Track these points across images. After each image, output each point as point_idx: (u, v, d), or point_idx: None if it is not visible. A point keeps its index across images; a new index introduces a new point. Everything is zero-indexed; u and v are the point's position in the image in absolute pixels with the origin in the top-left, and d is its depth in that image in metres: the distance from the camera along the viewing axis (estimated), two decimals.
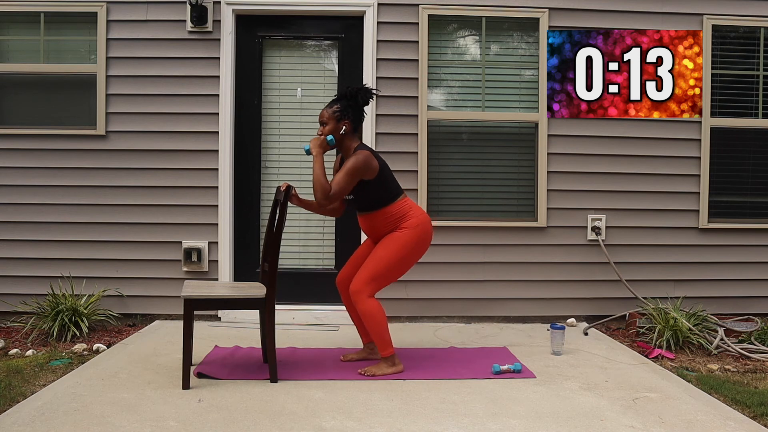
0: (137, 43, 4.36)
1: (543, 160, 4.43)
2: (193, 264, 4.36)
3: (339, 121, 3.16)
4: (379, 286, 3.17)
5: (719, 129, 4.50)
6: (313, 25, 4.52)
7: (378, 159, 3.16)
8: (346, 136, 3.18)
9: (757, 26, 4.51)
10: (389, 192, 3.18)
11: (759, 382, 3.26)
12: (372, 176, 3.12)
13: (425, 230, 3.20)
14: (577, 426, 2.52)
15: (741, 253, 4.53)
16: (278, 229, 3.08)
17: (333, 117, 3.16)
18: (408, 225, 3.17)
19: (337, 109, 3.17)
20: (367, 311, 3.10)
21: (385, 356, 3.17)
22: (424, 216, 3.23)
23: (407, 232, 3.16)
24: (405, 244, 3.15)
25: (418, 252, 3.22)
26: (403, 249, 3.15)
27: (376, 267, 3.13)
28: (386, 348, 3.16)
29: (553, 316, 4.47)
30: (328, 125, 3.17)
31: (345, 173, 3.06)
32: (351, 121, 3.18)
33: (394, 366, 3.18)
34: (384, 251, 3.15)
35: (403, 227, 3.17)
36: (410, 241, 3.16)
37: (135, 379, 3.06)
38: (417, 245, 3.19)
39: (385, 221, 3.19)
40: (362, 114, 3.24)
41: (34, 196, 4.36)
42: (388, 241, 3.17)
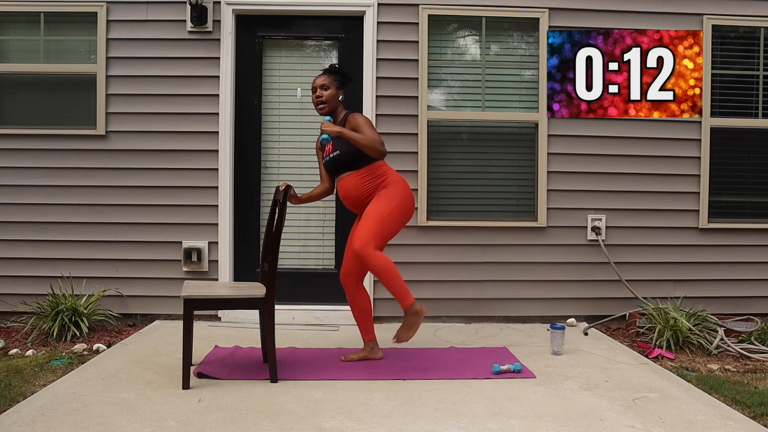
0: (137, 43, 4.36)
1: (543, 160, 4.43)
2: (193, 264, 4.36)
3: (338, 88, 3.41)
4: (380, 240, 3.19)
5: (719, 129, 4.51)
6: (313, 25, 4.52)
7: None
8: (341, 102, 3.43)
9: (757, 26, 4.51)
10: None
11: (759, 382, 3.26)
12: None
13: (406, 186, 3.34)
14: (577, 426, 2.52)
15: (741, 253, 4.53)
16: (278, 229, 3.08)
17: (334, 83, 3.40)
18: (390, 181, 3.30)
19: (336, 77, 3.41)
20: (378, 266, 3.12)
21: (406, 307, 3.14)
22: (401, 176, 3.38)
23: (391, 187, 3.29)
24: (392, 196, 3.25)
25: (406, 206, 3.30)
26: (391, 201, 3.24)
27: (373, 221, 3.18)
28: (407, 298, 3.14)
29: (553, 316, 4.48)
30: (330, 89, 3.38)
31: (368, 126, 3.27)
32: (344, 91, 3.44)
33: (417, 314, 3.15)
34: (375, 205, 3.23)
35: (385, 184, 3.29)
36: (396, 194, 3.27)
37: (135, 379, 3.06)
38: (403, 199, 3.28)
39: (366, 180, 3.28)
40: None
41: (34, 196, 4.36)
42: (377, 197, 3.27)
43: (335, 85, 3.39)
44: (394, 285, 3.14)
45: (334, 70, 3.43)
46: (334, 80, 3.40)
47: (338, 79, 3.41)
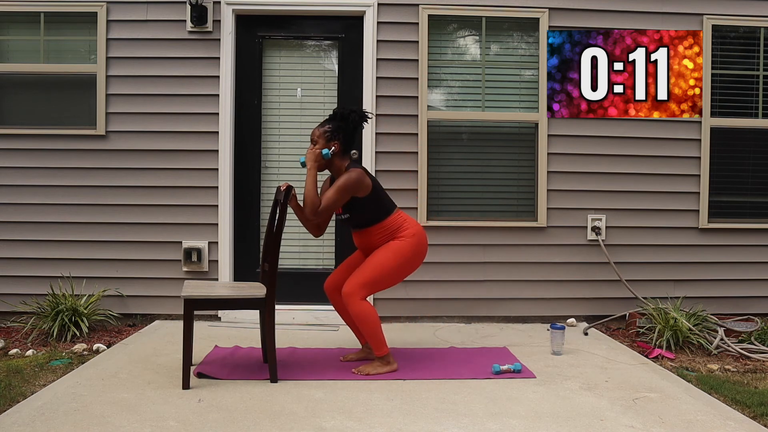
0: (137, 43, 4.36)
1: (543, 160, 4.43)
2: (193, 264, 4.36)
3: (329, 141, 3.16)
4: (371, 291, 3.17)
5: (719, 129, 4.50)
6: (313, 25, 4.52)
7: (370, 176, 3.18)
8: (336, 156, 3.18)
9: (757, 26, 4.51)
10: (383, 207, 3.21)
11: (759, 382, 3.26)
12: (365, 193, 3.14)
13: (421, 241, 3.23)
14: (577, 426, 2.52)
15: (741, 253, 4.53)
16: (278, 229, 3.08)
17: (323, 136, 3.16)
18: (405, 235, 3.19)
19: (328, 129, 3.16)
20: (359, 313, 3.10)
21: (379, 356, 3.17)
22: (419, 227, 3.26)
23: (405, 240, 3.18)
24: (402, 252, 3.17)
25: (414, 262, 3.24)
26: (400, 257, 3.16)
27: (372, 273, 3.14)
28: (380, 348, 3.16)
29: (553, 316, 4.47)
30: (318, 144, 3.17)
31: (336, 189, 3.07)
32: (341, 142, 3.17)
33: (388, 365, 3.18)
34: (381, 258, 3.16)
35: (400, 237, 3.19)
36: (407, 250, 3.18)
37: (135, 379, 3.06)
38: (413, 254, 3.20)
39: (380, 235, 3.20)
40: (354, 136, 3.23)
41: (34, 196, 4.36)
42: (385, 248, 3.18)
43: (325, 138, 3.14)
44: (372, 333, 3.13)
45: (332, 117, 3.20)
46: (324, 133, 3.15)
47: (331, 130, 3.15)
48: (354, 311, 3.10)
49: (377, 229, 3.20)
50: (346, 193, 3.09)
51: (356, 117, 3.18)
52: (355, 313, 3.10)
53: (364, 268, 3.15)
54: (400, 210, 3.28)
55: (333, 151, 3.15)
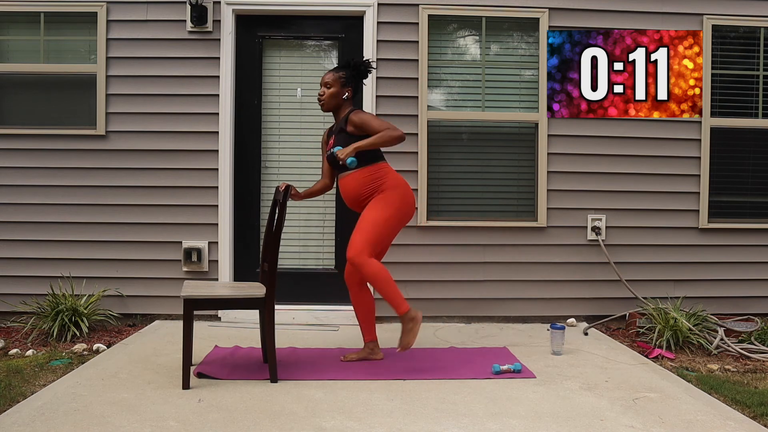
0: (137, 43, 4.36)
1: (543, 160, 4.43)
2: (193, 264, 4.36)
3: (344, 86, 3.34)
4: (374, 247, 3.19)
5: (719, 129, 4.50)
6: (313, 25, 4.52)
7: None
8: (345, 102, 3.36)
9: (757, 26, 4.51)
10: (377, 151, 3.31)
11: (759, 382, 3.26)
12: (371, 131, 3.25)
13: (406, 191, 3.30)
14: (577, 426, 2.52)
15: (741, 253, 4.53)
16: (278, 229, 3.08)
17: (339, 81, 3.34)
18: (388, 186, 3.26)
19: (344, 75, 3.34)
20: (372, 273, 3.11)
21: (402, 314, 3.09)
22: (402, 179, 3.34)
23: (389, 192, 3.25)
24: (389, 202, 3.22)
25: (404, 212, 3.28)
26: (388, 207, 3.22)
27: (367, 228, 3.17)
28: (401, 305, 3.09)
29: (553, 316, 4.47)
30: (333, 87, 3.33)
31: (373, 119, 3.24)
32: (352, 88, 3.37)
33: (413, 320, 3.07)
34: (370, 212, 3.21)
35: (384, 188, 3.25)
36: (394, 200, 3.24)
37: (135, 379, 3.06)
38: (401, 205, 3.25)
39: (366, 181, 3.25)
40: (361, 85, 3.45)
41: (34, 196, 4.36)
42: (373, 202, 3.24)
43: (340, 83, 3.32)
44: (389, 292, 3.12)
45: (346, 65, 3.38)
46: (339, 78, 3.33)
47: (345, 77, 3.34)
48: (366, 272, 3.11)
49: (366, 172, 3.26)
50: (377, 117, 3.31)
51: (366, 67, 3.40)
52: (367, 274, 3.11)
53: (360, 227, 3.19)
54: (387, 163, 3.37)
55: (347, 96, 3.34)
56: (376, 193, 3.26)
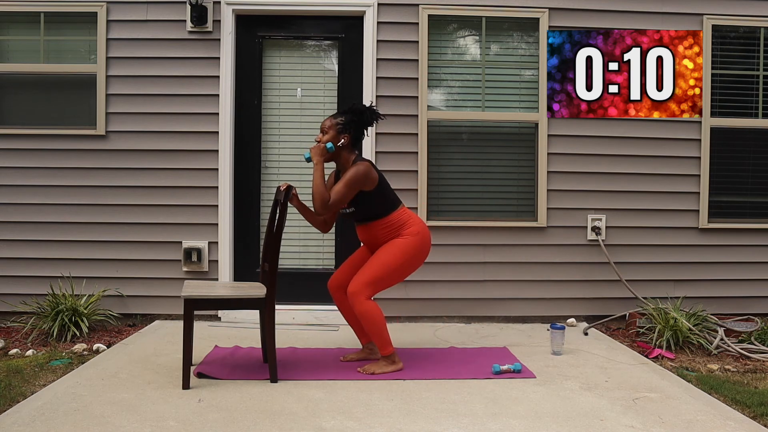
0: (137, 43, 4.36)
1: (543, 160, 4.43)
2: (193, 264, 4.36)
3: (340, 133, 3.17)
4: (376, 289, 3.18)
5: (719, 129, 4.50)
6: (313, 25, 4.52)
7: (377, 170, 3.19)
8: (344, 149, 3.19)
9: (757, 26, 4.51)
10: (389, 202, 3.21)
11: (759, 382, 3.26)
12: (372, 187, 3.14)
13: (425, 239, 3.23)
14: (577, 426, 2.52)
15: (741, 253, 4.53)
16: (278, 229, 3.08)
17: (335, 128, 3.17)
18: (409, 232, 3.19)
19: (341, 121, 3.18)
20: (365, 312, 3.11)
21: (385, 355, 3.18)
22: (423, 225, 3.26)
23: (409, 239, 3.18)
24: (407, 250, 3.17)
25: (418, 260, 3.24)
26: (404, 255, 3.17)
27: (377, 271, 3.14)
28: (385, 347, 3.17)
29: (553, 316, 4.47)
30: (327, 134, 3.18)
31: (344, 183, 3.08)
32: (351, 135, 3.19)
33: (394, 364, 3.19)
34: (385, 256, 3.16)
35: (405, 234, 3.19)
36: (412, 248, 3.18)
37: (135, 379, 3.06)
38: (417, 252, 3.21)
39: (384, 230, 3.21)
40: (363, 132, 3.25)
41: (34, 196, 4.36)
42: (390, 246, 3.18)
43: (336, 130, 3.15)
44: (377, 332, 3.13)
45: (347, 110, 3.22)
46: (336, 124, 3.16)
47: (343, 123, 3.16)
48: (359, 311, 3.10)
49: (381, 224, 3.20)
50: (354, 187, 3.09)
51: (370, 114, 3.22)
52: (360, 312, 3.10)
53: (369, 266, 3.15)
54: (404, 206, 3.29)
55: (342, 143, 3.16)
56: (395, 237, 3.20)
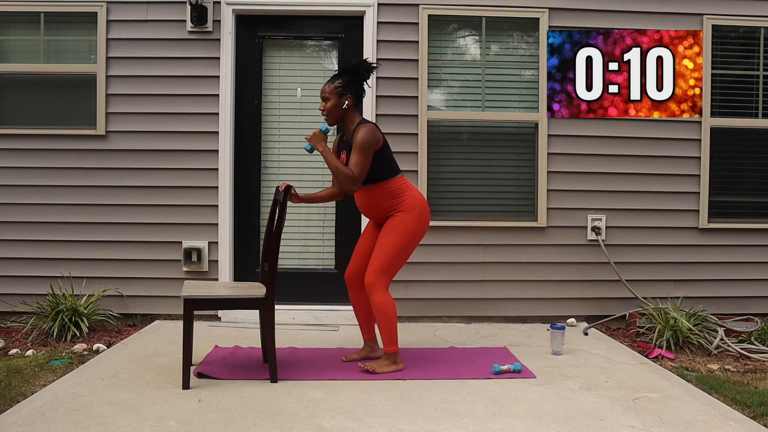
0: (137, 43, 4.36)
1: (543, 160, 4.43)
2: (193, 264, 4.36)
3: (341, 95, 3.17)
4: (391, 274, 3.19)
5: (719, 129, 4.50)
6: (313, 25, 4.52)
7: (381, 132, 3.19)
8: (349, 110, 3.20)
9: (757, 26, 4.51)
10: (389, 166, 3.21)
11: (759, 382, 3.26)
12: (377, 148, 3.14)
13: (423, 211, 3.23)
14: (577, 426, 2.52)
15: (741, 253, 4.53)
16: (278, 229, 3.08)
17: (335, 92, 3.17)
18: (405, 207, 3.19)
19: (339, 84, 3.17)
20: (381, 305, 3.11)
21: (388, 352, 3.18)
22: (420, 197, 3.26)
23: (406, 215, 3.18)
24: (406, 228, 3.18)
25: (420, 233, 3.25)
26: (405, 234, 3.18)
27: (385, 256, 3.15)
28: (392, 344, 3.17)
29: (553, 316, 4.47)
30: (330, 100, 3.18)
31: (359, 151, 3.07)
32: (353, 95, 3.19)
33: (395, 364, 3.19)
34: (388, 240, 3.17)
35: (401, 209, 3.19)
36: (411, 225, 3.18)
37: (135, 379, 3.06)
38: (417, 227, 3.21)
39: (383, 196, 3.20)
40: (364, 88, 3.26)
41: (34, 196, 4.36)
42: (390, 228, 3.19)
43: (337, 93, 3.15)
44: (387, 328, 3.15)
45: (342, 71, 3.21)
46: (336, 88, 3.15)
47: (342, 85, 3.15)
48: (376, 301, 3.11)
49: (381, 189, 3.19)
50: (369, 149, 3.09)
51: (365, 68, 3.20)
52: (376, 303, 3.11)
53: (377, 254, 3.16)
54: (404, 176, 3.28)
55: (347, 105, 3.17)
56: (394, 209, 3.20)
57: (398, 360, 3.21)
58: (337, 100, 3.17)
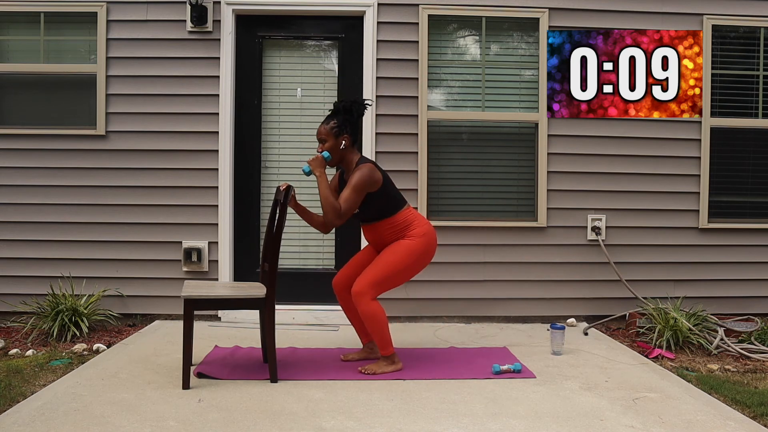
0: (137, 43, 4.36)
1: (543, 160, 4.43)
2: (193, 264, 4.36)
3: (338, 136, 3.16)
4: (381, 290, 3.18)
5: (719, 129, 4.50)
6: (313, 25, 4.52)
7: (380, 171, 3.18)
8: (347, 150, 3.19)
9: (757, 26, 4.51)
10: (393, 202, 3.21)
11: (759, 382, 3.26)
12: (376, 188, 3.14)
13: (431, 240, 3.23)
14: (577, 426, 2.52)
15: (741, 253, 4.53)
16: (278, 229, 3.08)
17: (331, 133, 3.16)
18: (415, 234, 3.19)
19: (335, 125, 3.16)
20: (369, 313, 3.11)
21: (385, 355, 3.19)
22: (429, 226, 3.26)
23: (415, 240, 3.18)
24: (412, 251, 3.17)
25: (423, 261, 3.24)
26: (410, 256, 3.17)
27: (382, 271, 3.14)
28: (386, 347, 3.18)
29: (553, 316, 4.47)
30: (327, 141, 3.17)
31: (352, 189, 3.07)
32: (349, 134, 3.18)
33: (393, 364, 3.20)
34: (391, 257, 3.16)
35: (411, 235, 3.19)
36: (417, 250, 3.18)
37: (135, 379, 3.06)
38: (423, 254, 3.21)
39: (390, 231, 3.21)
40: (359, 126, 3.25)
41: (34, 196, 4.36)
42: (395, 247, 3.18)
43: (333, 135, 3.14)
44: (379, 333, 3.15)
45: (336, 111, 3.18)
46: (331, 129, 3.14)
47: (337, 125, 3.14)
48: (363, 311, 3.11)
49: (387, 224, 3.20)
50: (362, 190, 3.09)
51: (359, 107, 3.21)
52: (364, 312, 3.11)
53: (374, 267, 3.15)
54: (410, 206, 3.28)
55: (344, 146, 3.16)
56: (401, 237, 3.20)
57: (396, 360, 3.21)
58: (334, 141, 3.15)
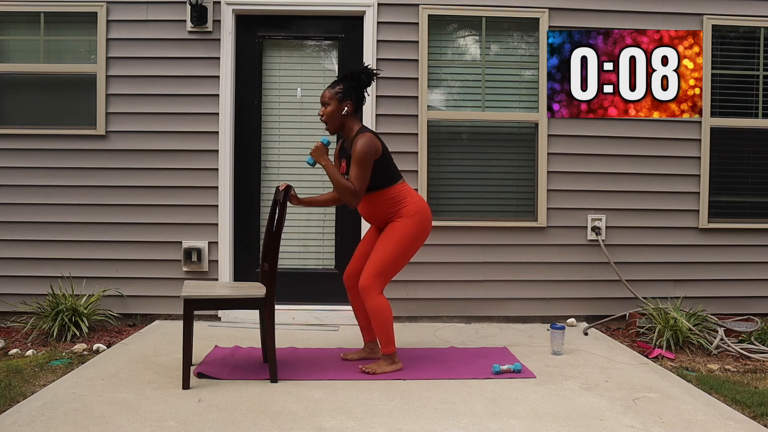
0: (137, 43, 4.36)
1: (543, 160, 4.43)
2: (193, 264, 4.36)
3: (341, 101, 3.15)
4: (386, 279, 3.18)
5: (719, 129, 4.51)
6: (313, 25, 4.52)
7: (380, 140, 3.17)
8: (348, 117, 3.18)
9: (757, 26, 4.51)
10: (390, 174, 3.19)
11: (759, 382, 3.26)
12: (375, 158, 3.13)
13: (424, 217, 3.22)
14: (577, 426, 2.52)
15: (741, 253, 4.53)
16: (278, 229, 3.08)
17: (335, 97, 3.15)
18: (406, 213, 3.18)
19: (340, 89, 3.16)
20: (376, 308, 3.12)
21: (386, 353, 3.18)
22: (422, 203, 3.24)
23: (406, 221, 3.17)
24: (405, 233, 3.17)
25: (420, 239, 3.23)
26: (404, 239, 3.17)
27: (382, 261, 3.14)
28: (388, 345, 3.18)
29: (553, 316, 4.48)
30: (329, 105, 3.16)
31: (358, 164, 3.06)
32: (353, 102, 3.17)
33: (394, 364, 3.20)
34: (386, 244, 3.16)
35: (402, 215, 3.18)
36: (410, 231, 3.18)
37: (135, 379, 3.06)
38: (418, 233, 3.20)
39: (384, 204, 3.20)
40: (364, 95, 3.24)
41: (34, 196, 4.36)
42: (389, 233, 3.18)
43: (337, 99, 3.13)
44: (383, 330, 3.15)
45: (344, 77, 3.18)
46: (336, 93, 3.13)
47: (342, 90, 3.13)
48: (370, 305, 3.12)
49: (381, 196, 3.19)
50: (368, 162, 3.08)
51: (366, 75, 3.18)
52: (371, 307, 3.12)
53: (374, 257, 3.16)
54: (405, 182, 3.27)
55: (346, 111, 3.15)
56: (395, 216, 3.20)
57: (396, 360, 3.22)
58: (337, 105, 3.15)
